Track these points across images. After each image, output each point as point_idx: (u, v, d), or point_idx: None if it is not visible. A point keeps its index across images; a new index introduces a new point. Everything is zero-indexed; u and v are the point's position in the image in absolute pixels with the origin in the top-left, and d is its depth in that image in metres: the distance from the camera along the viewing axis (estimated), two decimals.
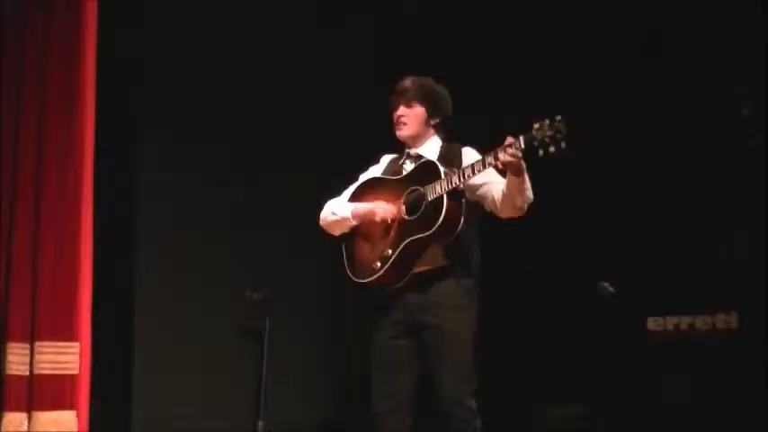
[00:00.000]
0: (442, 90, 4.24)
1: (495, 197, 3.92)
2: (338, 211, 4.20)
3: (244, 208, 5.78)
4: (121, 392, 5.47)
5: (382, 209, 4.03)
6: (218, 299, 5.61)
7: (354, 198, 4.24)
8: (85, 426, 5.15)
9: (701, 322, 5.34)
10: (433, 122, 4.21)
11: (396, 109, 4.21)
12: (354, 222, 4.15)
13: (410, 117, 4.19)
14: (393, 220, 4.01)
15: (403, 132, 4.20)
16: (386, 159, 4.35)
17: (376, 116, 4.43)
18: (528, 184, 3.82)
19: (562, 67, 5.75)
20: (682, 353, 5.28)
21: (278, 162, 5.81)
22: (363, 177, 4.33)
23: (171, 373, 5.46)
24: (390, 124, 4.24)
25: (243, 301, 5.50)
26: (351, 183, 4.31)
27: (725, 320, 5.27)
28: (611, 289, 5.42)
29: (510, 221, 4.00)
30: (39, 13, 5.27)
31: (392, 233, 4.01)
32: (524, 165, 3.74)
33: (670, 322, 5.40)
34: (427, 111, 4.19)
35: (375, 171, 4.34)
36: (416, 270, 3.99)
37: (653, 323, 5.41)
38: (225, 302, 5.62)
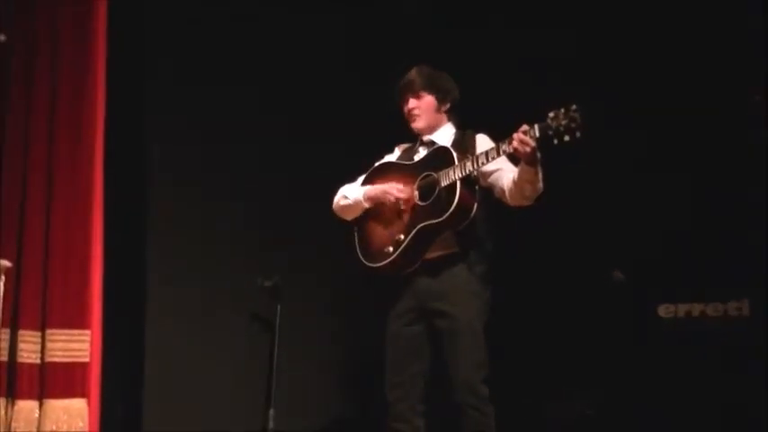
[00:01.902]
0: (445, 75, 4.29)
1: (506, 185, 3.97)
2: (350, 195, 4.26)
3: (258, 196, 5.79)
4: (133, 380, 5.48)
5: (396, 189, 4.05)
6: (229, 286, 5.63)
7: (367, 183, 4.31)
8: (97, 413, 5.20)
9: (713, 309, 5.33)
10: (444, 108, 4.27)
11: (405, 103, 4.28)
12: (367, 205, 4.21)
13: (421, 107, 4.25)
14: (406, 202, 4.02)
15: (418, 124, 4.27)
16: (399, 147, 4.39)
17: (377, 115, 4.45)
18: (540, 174, 3.84)
19: (566, 65, 5.73)
20: (693, 340, 5.28)
21: (282, 158, 5.83)
22: (378, 164, 4.37)
23: (182, 360, 5.48)
24: (397, 119, 4.33)
25: (254, 288, 5.49)
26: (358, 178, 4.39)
27: (737, 308, 5.27)
28: (622, 276, 5.42)
29: (521, 209, 4.02)
30: (48, 13, 5.33)
31: (405, 218, 4.06)
32: (539, 155, 3.75)
33: (681, 309, 5.39)
34: (436, 98, 4.25)
35: (389, 159, 4.37)
36: (428, 256, 4.05)
37: (664, 310, 5.41)
38: (235, 289, 5.64)
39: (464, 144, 4.10)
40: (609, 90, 5.55)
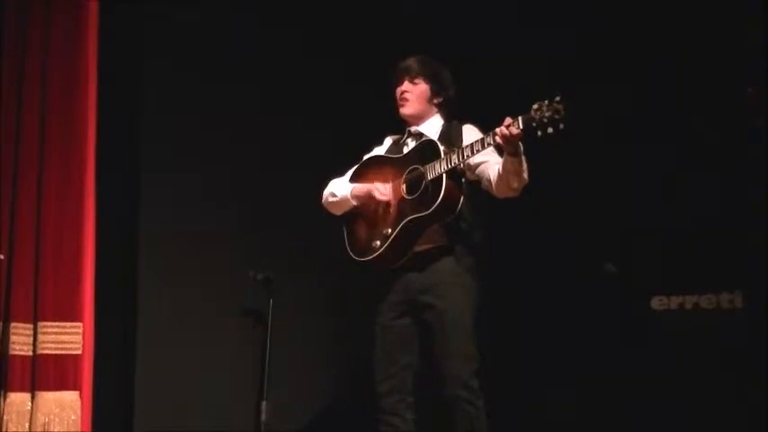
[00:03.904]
0: (447, 71, 4.30)
1: (492, 176, 4.00)
2: (338, 191, 4.29)
3: (247, 189, 5.82)
4: (125, 373, 5.52)
5: (378, 192, 4.08)
6: (221, 279, 5.67)
7: (356, 177, 4.34)
8: (89, 406, 5.25)
9: (706, 301, 5.35)
10: (436, 101, 4.31)
11: (399, 85, 4.27)
12: (354, 203, 4.21)
13: (414, 93, 4.28)
14: (389, 204, 4.05)
15: (406, 110, 4.29)
16: (389, 140, 4.44)
17: (374, 115, 4.46)
18: (525, 165, 3.87)
19: (566, 62, 5.74)
20: (686, 332, 5.31)
21: (277, 154, 5.85)
22: (367, 157, 4.39)
23: (174, 353, 5.52)
24: (390, 112, 4.35)
25: (247, 283, 5.52)
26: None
27: (729, 300, 5.29)
28: (614, 269, 5.44)
29: (511, 202, 4.04)
30: (40, 12, 5.37)
31: (392, 212, 4.11)
32: (521, 146, 3.77)
33: (674, 302, 5.42)
34: (431, 88, 4.29)
35: (379, 151, 4.43)
36: (417, 249, 4.08)
37: (657, 303, 5.44)
38: (228, 283, 5.67)
39: (451, 136, 4.14)
40: (607, 87, 5.57)
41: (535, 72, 5.68)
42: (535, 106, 3.69)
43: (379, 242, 4.09)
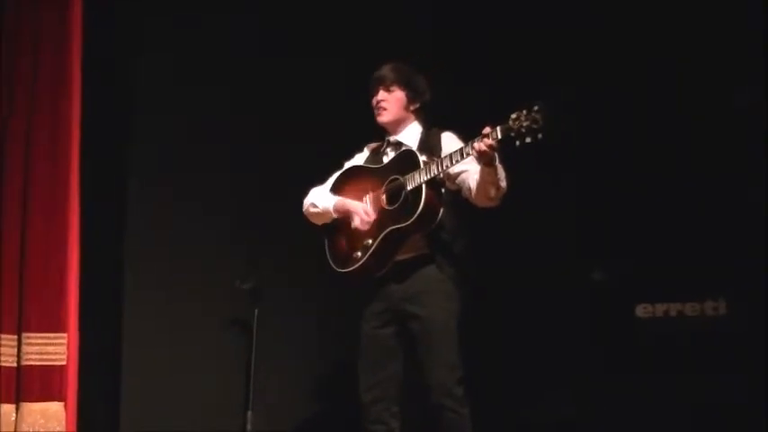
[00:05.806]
0: (422, 76, 4.35)
1: (471, 186, 4.01)
2: (319, 203, 4.31)
3: (235, 199, 5.83)
4: (110, 383, 5.53)
5: (359, 218, 4.10)
6: (208, 289, 5.69)
7: (336, 187, 4.37)
8: (74, 417, 5.25)
9: (691, 309, 5.38)
10: (413, 107, 4.33)
11: (375, 94, 4.31)
12: (336, 216, 4.23)
13: (390, 102, 4.30)
14: (371, 227, 4.06)
15: (383, 118, 4.31)
16: (368, 148, 4.44)
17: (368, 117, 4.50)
18: (501, 174, 3.92)
19: (566, 62, 5.77)
20: (671, 339, 5.33)
21: (265, 159, 5.86)
22: (347, 165, 4.41)
23: (159, 363, 5.52)
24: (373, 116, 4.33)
25: (232, 291, 5.53)
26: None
27: (713, 307, 5.32)
28: (602, 276, 5.47)
29: (497, 209, 4.06)
30: (29, 12, 5.37)
31: (373, 222, 4.08)
32: (496, 156, 3.80)
33: (659, 309, 5.44)
34: (407, 95, 4.31)
35: (359, 159, 4.45)
36: (399, 258, 4.11)
37: (642, 310, 5.46)
38: (214, 292, 5.69)
39: (430, 144, 4.17)
40: (603, 88, 5.60)
41: (532, 72, 5.73)
42: (513, 116, 3.70)
43: (360, 253, 4.11)
